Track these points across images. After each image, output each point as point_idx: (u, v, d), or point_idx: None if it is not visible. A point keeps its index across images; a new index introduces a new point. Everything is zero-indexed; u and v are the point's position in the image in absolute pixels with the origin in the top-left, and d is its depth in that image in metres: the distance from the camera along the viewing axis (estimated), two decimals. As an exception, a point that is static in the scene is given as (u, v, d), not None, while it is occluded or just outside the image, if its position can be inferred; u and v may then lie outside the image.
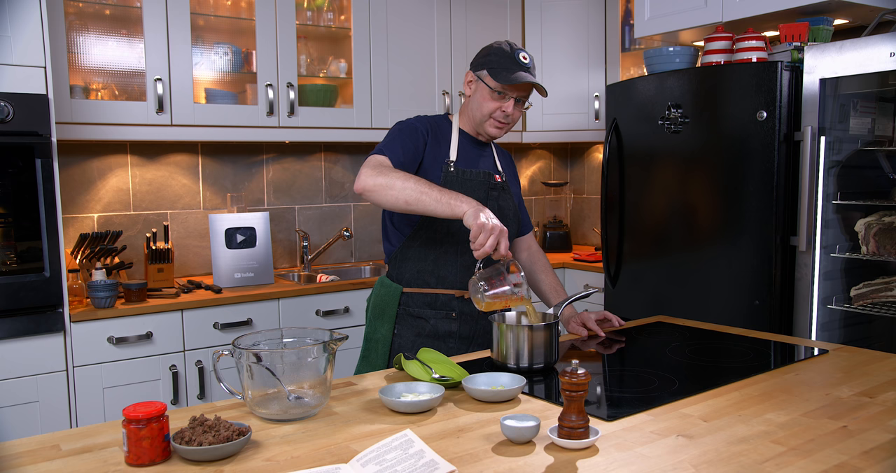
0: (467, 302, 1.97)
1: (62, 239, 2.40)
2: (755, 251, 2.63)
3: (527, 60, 1.92)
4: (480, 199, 1.91)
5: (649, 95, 2.97)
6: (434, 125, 1.97)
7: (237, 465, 1.17)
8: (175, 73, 2.84)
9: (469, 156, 1.98)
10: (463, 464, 1.15)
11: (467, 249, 1.89)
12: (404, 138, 1.89)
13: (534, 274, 2.16)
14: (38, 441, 1.28)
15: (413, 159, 1.88)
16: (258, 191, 3.41)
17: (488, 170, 2.00)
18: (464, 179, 1.93)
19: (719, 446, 1.20)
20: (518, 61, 1.90)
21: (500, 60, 1.90)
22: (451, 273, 1.96)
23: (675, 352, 1.85)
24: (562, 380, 1.23)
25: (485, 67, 1.92)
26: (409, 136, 1.90)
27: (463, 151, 1.97)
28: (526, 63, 1.91)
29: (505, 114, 1.93)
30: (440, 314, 1.97)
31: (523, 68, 1.90)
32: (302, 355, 1.38)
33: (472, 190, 1.92)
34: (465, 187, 1.91)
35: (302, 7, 3.22)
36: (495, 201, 1.99)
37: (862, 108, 2.64)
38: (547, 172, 4.39)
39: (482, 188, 1.95)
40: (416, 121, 1.96)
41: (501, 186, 2.01)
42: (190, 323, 2.68)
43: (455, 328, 1.98)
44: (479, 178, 1.95)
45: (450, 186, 1.88)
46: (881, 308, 2.47)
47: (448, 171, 1.92)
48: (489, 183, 1.97)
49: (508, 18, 3.76)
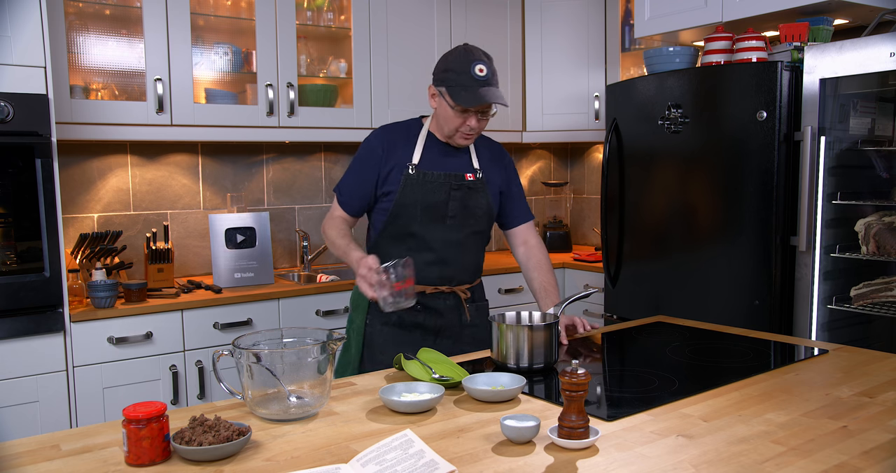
0: (431, 297, 2.04)
1: (62, 240, 2.40)
2: (755, 251, 2.63)
3: (483, 73, 1.90)
4: (441, 201, 1.99)
5: (649, 95, 2.97)
6: (399, 132, 2.05)
7: (237, 465, 1.17)
8: (175, 73, 2.84)
9: (435, 158, 2.03)
10: (463, 464, 1.15)
11: (429, 247, 2.01)
12: (358, 174, 2.04)
13: (527, 271, 2.16)
14: (38, 441, 1.28)
15: (364, 196, 2.04)
16: (258, 191, 3.41)
17: (455, 171, 2.03)
18: (424, 181, 1.99)
19: (719, 446, 1.20)
20: (475, 77, 1.89)
21: (458, 78, 1.90)
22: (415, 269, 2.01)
23: (675, 352, 1.85)
24: (562, 380, 1.23)
25: (444, 85, 1.93)
26: (363, 169, 2.03)
27: (429, 154, 2.02)
28: (483, 76, 1.89)
29: (470, 128, 1.96)
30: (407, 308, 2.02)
31: (481, 83, 1.89)
32: (302, 355, 1.38)
33: (432, 191, 1.99)
34: (424, 189, 1.98)
35: (302, 7, 3.22)
36: (459, 201, 2.02)
37: (862, 108, 2.64)
38: (547, 172, 4.39)
39: (442, 189, 2.00)
40: (374, 139, 2.05)
41: (469, 185, 2.03)
42: (190, 323, 2.68)
43: (421, 320, 2.04)
44: (438, 180, 2.00)
45: (409, 189, 1.99)
46: (881, 308, 2.47)
47: (408, 175, 1.99)
48: (451, 184, 2.01)
49: (508, 18, 3.75)
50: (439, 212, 2.00)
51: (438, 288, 2.04)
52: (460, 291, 2.07)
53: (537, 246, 2.19)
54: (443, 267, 2.04)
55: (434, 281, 2.03)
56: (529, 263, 2.16)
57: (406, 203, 1.99)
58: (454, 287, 2.06)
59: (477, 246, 2.11)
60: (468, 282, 2.11)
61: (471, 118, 1.94)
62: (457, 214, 2.02)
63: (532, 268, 2.15)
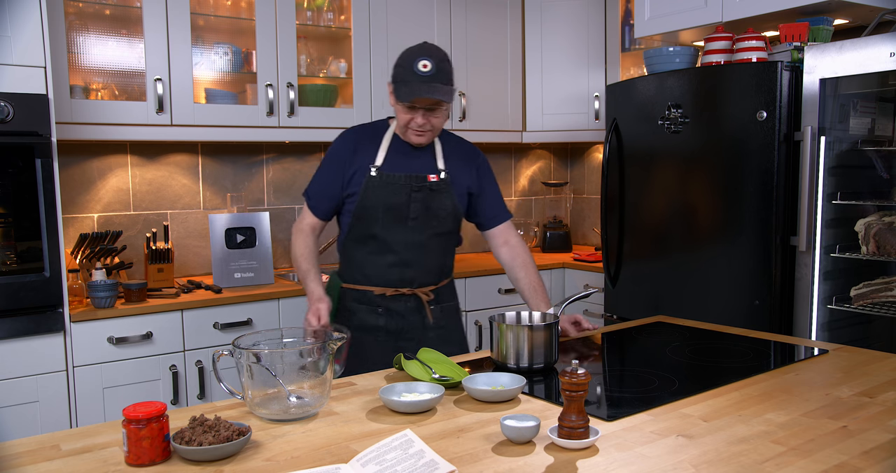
0: (392, 299, 2.04)
1: (62, 240, 2.40)
2: (755, 251, 2.63)
3: (427, 69, 1.87)
4: (402, 203, 2.00)
5: (649, 95, 2.97)
6: (365, 134, 2.06)
7: (237, 465, 1.17)
8: (175, 73, 2.84)
9: (399, 159, 2.02)
10: (463, 464, 1.15)
11: (391, 249, 2.02)
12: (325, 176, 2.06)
13: (512, 271, 2.14)
14: (38, 441, 1.28)
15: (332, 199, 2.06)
16: (258, 191, 3.41)
17: (417, 173, 2.01)
18: (385, 183, 1.99)
19: (719, 446, 1.20)
20: (417, 73, 1.87)
21: (402, 73, 1.90)
22: (375, 272, 2.05)
23: (675, 352, 1.85)
24: (562, 380, 1.23)
25: (392, 80, 1.95)
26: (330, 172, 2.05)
27: (392, 155, 2.02)
28: (426, 72, 1.87)
29: (418, 125, 1.95)
30: (368, 309, 2.05)
31: (423, 79, 1.87)
32: (302, 355, 1.39)
33: (393, 193, 1.99)
34: (385, 190, 1.99)
35: (302, 7, 3.22)
36: (421, 202, 2.01)
37: (862, 108, 2.64)
38: (547, 172, 4.39)
39: (404, 191, 1.99)
40: (340, 141, 2.07)
41: (431, 186, 2.02)
42: (190, 323, 2.68)
43: (382, 322, 2.05)
44: (399, 182, 1.99)
45: (371, 191, 1.99)
46: (881, 308, 2.47)
47: (370, 177, 1.99)
48: (412, 185, 2.00)
49: (508, 18, 3.75)
50: (401, 213, 1.99)
51: (399, 290, 2.03)
52: (422, 293, 2.05)
53: (520, 246, 2.16)
54: (403, 269, 2.03)
55: (394, 283, 2.03)
56: (514, 263, 2.13)
57: (368, 205, 1.99)
58: (415, 289, 2.05)
59: (442, 248, 2.09)
60: (431, 284, 2.09)
61: (417, 115, 1.93)
62: (419, 216, 2.01)
63: (517, 268, 2.12)
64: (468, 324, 3.36)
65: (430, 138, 2.01)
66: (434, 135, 2.02)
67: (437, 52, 1.92)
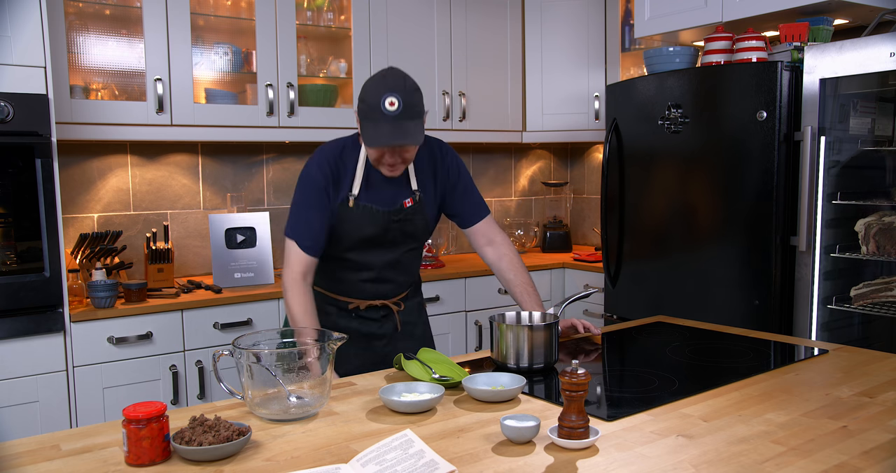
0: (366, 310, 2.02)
1: (62, 240, 2.40)
2: (755, 251, 2.63)
3: (394, 107, 1.72)
4: (379, 233, 1.92)
5: (649, 95, 2.97)
6: (337, 159, 1.90)
7: (237, 465, 1.17)
8: (175, 73, 2.84)
9: (376, 185, 1.92)
10: (463, 464, 1.15)
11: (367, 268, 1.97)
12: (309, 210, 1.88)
13: (501, 272, 2.06)
14: (38, 441, 1.28)
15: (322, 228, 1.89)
16: (258, 191, 3.41)
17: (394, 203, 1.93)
18: (363, 214, 1.90)
19: (719, 446, 1.20)
20: (384, 111, 1.72)
21: (367, 111, 1.75)
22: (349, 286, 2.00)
23: (675, 352, 1.85)
24: (562, 380, 1.23)
25: (358, 114, 1.80)
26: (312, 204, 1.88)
27: (368, 182, 1.91)
28: (393, 111, 1.72)
29: (390, 163, 1.84)
30: (342, 313, 2.02)
31: (390, 119, 1.72)
32: (302, 355, 1.39)
33: (371, 224, 1.91)
34: (362, 222, 1.90)
35: (302, 7, 3.22)
36: (398, 230, 1.95)
37: (862, 108, 2.64)
38: (547, 172, 4.39)
39: (381, 223, 1.92)
40: (316, 173, 1.89)
41: (408, 213, 1.95)
42: (190, 323, 2.68)
43: (354, 325, 2.01)
44: (377, 216, 1.91)
45: (349, 221, 1.90)
46: (881, 308, 2.47)
47: (347, 208, 1.89)
48: (390, 218, 1.92)
49: (508, 18, 3.75)
50: (377, 240, 1.95)
51: (372, 302, 2.01)
52: (392, 304, 2.03)
53: (505, 245, 2.08)
54: (378, 285, 2.01)
55: (368, 297, 2.01)
56: (501, 265, 2.06)
57: (343, 233, 1.92)
58: (386, 301, 2.03)
59: (412, 260, 2.07)
60: (401, 294, 2.07)
61: (386, 153, 1.81)
62: (396, 240, 1.97)
63: (506, 270, 2.05)
64: (468, 324, 3.37)
65: (403, 169, 1.90)
66: (406, 165, 1.90)
67: (404, 83, 1.76)
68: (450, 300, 3.30)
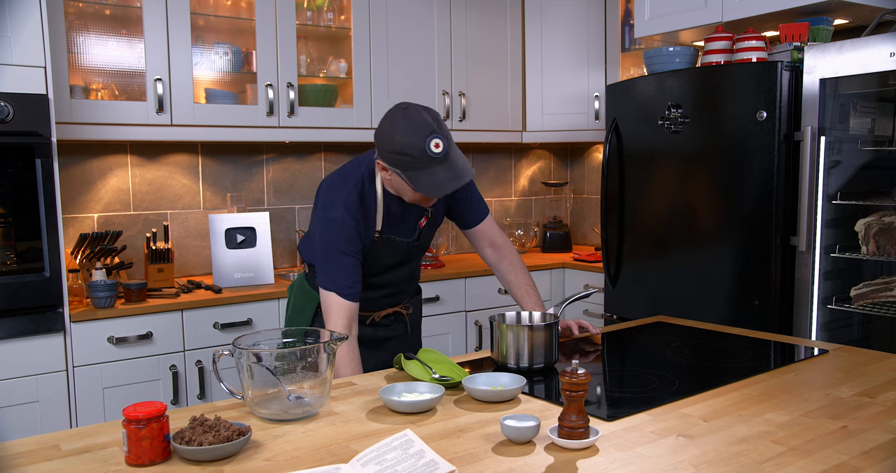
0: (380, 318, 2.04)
1: (62, 240, 2.40)
2: (755, 251, 2.63)
3: (440, 149, 1.64)
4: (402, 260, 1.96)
5: (649, 95, 2.97)
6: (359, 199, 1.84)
7: (237, 465, 1.17)
8: (175, 73, 2.84)
9: (396, 215, 1.90)
10: (463, 464, 1.15)
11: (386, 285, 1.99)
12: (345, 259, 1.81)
13: (502, 274, 2.09)
14: (38, 441, 1.28)
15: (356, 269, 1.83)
16: (258, 191, 3.41)
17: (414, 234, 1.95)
18: (387, 246, 1.91)
19: (719, 446, 1.20)
20: (433, 156, 1.63)
21: (415, 162, 1.65)
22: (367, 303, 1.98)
23: (675, 352, 1.85)
24: (562, 380, 1.23)
25: (398, 167, 1.68)
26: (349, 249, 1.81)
27: (389, 215, 1.89)
28: (440, 153, 1.64)
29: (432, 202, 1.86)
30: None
31: (441, 161, 1.65)
32: (302, 355, 1.39)
33: (395, 254, 1.94)
34: (387, 252, 1.92)
35: (302, 7, 3.22)
36: (417, 251, 2.00)
37: (862, 108, 2.64)
38: (547, 172, 4.39)
39: (405, 251, 1.96)
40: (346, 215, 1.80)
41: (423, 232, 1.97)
42: (190, 323, 2.68)
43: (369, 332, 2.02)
44: (402, 246, 1.94)
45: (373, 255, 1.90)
46: (881, 308, 2.47)
47: (373, 243, 1.89)
48: (413, 247, 1.96)
49: (508, 18, 3.75)
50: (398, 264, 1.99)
51: (387, 312, 2.06)
52: (402, 309, 2.09)
53: (506, 246, 2.09)
54: (394, 298, 2.06)
55: (384, 307, 2.04)
56: (502, 266, 2.08)
57: (368, 266, 1.91)
58: (397, 308, 2.08)
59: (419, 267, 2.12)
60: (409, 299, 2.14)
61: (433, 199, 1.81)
62: (413, 257, 2.01)
63: (507, 271, 2.07)
64: (468, 324, 3.37)
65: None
66: None
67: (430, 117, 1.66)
68: (450, 300, 3.30)
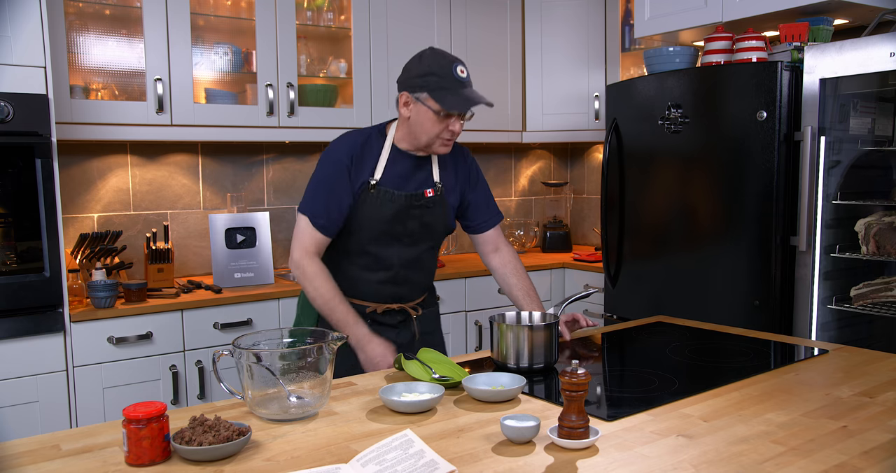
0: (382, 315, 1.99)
1: (62, 240, 2.40)
2: (755, 251, 2.63)
3: (464, 74, 1.84)
4: (400, 221, 1.92)
5: (649, 95, 2.97)
6: (363, 144, 1.93)
7: (237, 465, 1.17)
8: (175, 73, 2.84)
9: (399, 173, 1.93)
10: (463, 464, 1.15)
11: (384, 266, 1.96)
12: (328, 190, 1.88)
13: (504, 277, 2.10)
14: (38, 441, 1.28)
15: (342, 211, 1.89)
16: (258, 191, 3.41)
17: (416, 190, 1.95)
18: (384, 200, 1.90)
19: (719, 446, 1.20)
20: (459, 79, 1.82)
21: (440, 81, 1.81)
22: (366, 288, 1.97)
23: (675, 352, 1.85)
24: (562, 380, 1.23)
25: (424, 90, 1.83)
26: (332, 184, 1.88)
27: (391, 169, 1.92)
28: (465, 78, 1.83)
29: (452, 133, 1.88)
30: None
31: (465, 85, 1.83)
32: (302, 355, 1.38)
33: (391, 211, 1.91)
34: (383, 209, 1.90)
35: (302, 7, 3.22)
36: (418, 220, 1.95)
37: (862, 108, 2.64)
38: (547, 172, 4.39)
39: (402, 210, 1.92)
40: (339, 152, 1.91)
41: (428, 203, 1.95)
42: (190, 323, 2.68)
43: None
44: (399, 201, 1.91)
45: (368, 207, 1.89)
46: (881, 308, 2.47)
47: (367, 193, 1.90)
48: (411, 203, 1.93)
49: (508, 18, 3.75)
50: (396, 231, 1.94)
51: (390, 306, 1.99)
52: (410, 308, 2.02)
53: (510, 253, 2.12)
54: (397, 287, 1.99)
55: (386, 300, 1.99)
56: (506, 270, 2.09)
57: (363, 221, 1.90)
58: (404, 305, 2.02)
59: (431, 261, 2.07)
60: (418, 298, 2.06)
61: (455, 123, 1.85)
62: (414, 233, 1.96)
63: (510, 275, 2.08)
64: (468, 324, 3.37)
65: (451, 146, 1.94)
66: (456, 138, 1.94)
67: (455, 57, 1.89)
68: (450, 300, 3.30)
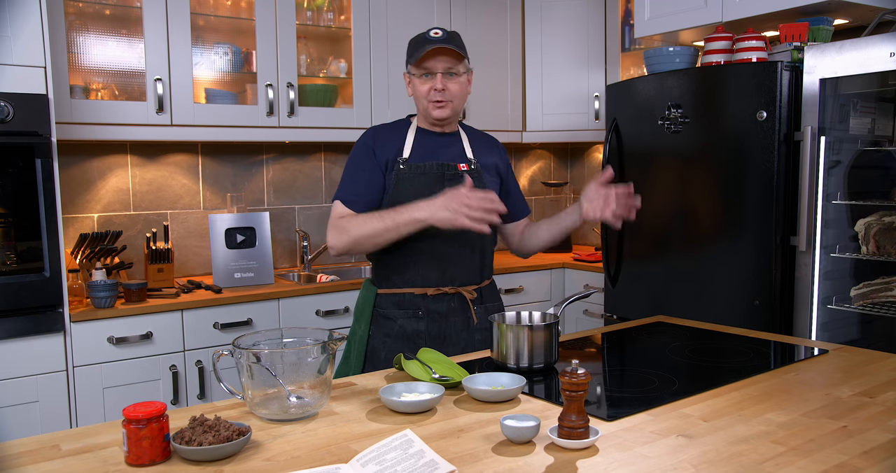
0: (434, 300, 1.96)
1: (62, 240, 2.40)
2: (755, 251, 2.63)
3: (438, 34, 1.92)
4: (435, 191, 1.84)
5: (649, 95, 2.97)
6: (387, 130, 2.03)
7: (237, 465, 1.17)
8: (175, 73, 2.84)
9: (426, 149, 1.99)
10: (463, 464, 1.15)
11: (426, 246, 1.93)
12: (357, 171, 1.96)
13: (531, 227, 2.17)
14: (38, 441, 1.28)
15: (372, 187, 1.95)
16: (258, 191, 3.41)
17: (447, 161, 1.97)
18: (416, 174, 1.94)
19: (719, 446, 1.20)
20: (428, 38, 1.92)
21: (414, 45, 1.96)
22: (413, 272, 1.96)
23: (675, 352, 1.85)
24: (562, 380, 1.23)
25: (407, 56, 1.99)
26: (360, 165, 1.96)
27: (419, 147, 1.99)
28: (438, 37, 1.92)
29: (438, 91, 1.93)
30: (407, 313, 1.96)
31: (436, 42, 1.90)
32: (302, 355, 1.38)
33: (426, 184, 1.93)
34: (417, 182, 1.93)
35: (302, 7, 3.22)
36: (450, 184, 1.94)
37: (862, 108, 2.64)
38: (547, 172, 4.39)
39: (436, 181, 1.93)
40: (365, 137, 2.02)
41: (462, 175, 1.96)
42: (190, 323, 2.68)
43: (423, 327, 1.95)
44: (431, 171, 1.95)
45: (402, 185, 1.93)
46: (881, 308, 2.47)
47: (399, 170, 1.94)
48: (444, 174, 1.95)
49: (508, 18, 3.75)
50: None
51: (441, 289, 1.94)
52: (465, 292, 1.97)
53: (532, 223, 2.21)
54: (444, 266, 1.94)
55: (435, 282, 1.94)
56: (528, 230, 2.17)
57: (399, 200, 1.88)
58: (458, 287, 1.97)
59: (479, 243, 2.00)
60: (474, 283, 2.01)
61: (435, 81, 1.91)
62: None
63: (533, 225, 2.18)
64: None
65: (452, 111, 1.95)
66: (455, 107, 1.96)
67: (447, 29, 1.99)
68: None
